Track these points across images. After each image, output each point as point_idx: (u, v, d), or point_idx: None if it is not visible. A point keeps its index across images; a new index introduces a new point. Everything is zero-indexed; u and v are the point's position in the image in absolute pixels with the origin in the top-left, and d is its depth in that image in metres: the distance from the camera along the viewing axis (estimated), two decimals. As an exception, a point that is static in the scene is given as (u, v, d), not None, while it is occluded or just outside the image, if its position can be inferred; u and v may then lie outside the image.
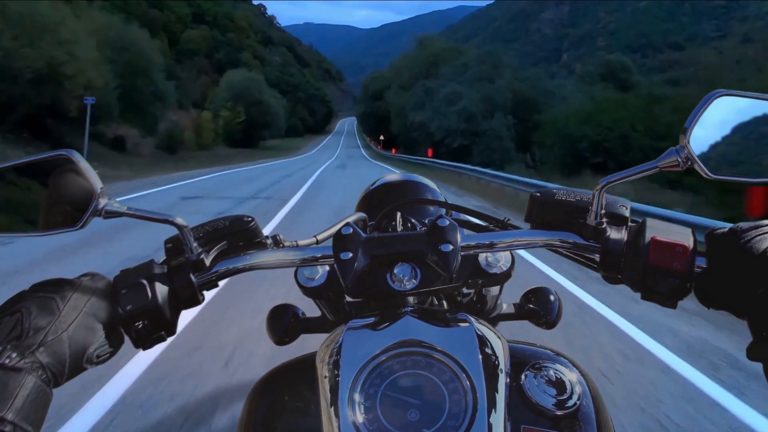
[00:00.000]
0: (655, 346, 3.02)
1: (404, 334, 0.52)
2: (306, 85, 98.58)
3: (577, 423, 0.52)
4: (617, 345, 3.03)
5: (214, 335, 2.96)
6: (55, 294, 0.50)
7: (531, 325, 0.87)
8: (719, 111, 0.54)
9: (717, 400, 2.40)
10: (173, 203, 9.03)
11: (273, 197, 10.44)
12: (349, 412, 0.46)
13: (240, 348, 2.77)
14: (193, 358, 2.65)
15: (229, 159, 27.35)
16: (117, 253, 4.86)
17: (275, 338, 0.86)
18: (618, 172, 0.56)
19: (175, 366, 2.54)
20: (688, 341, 3.16)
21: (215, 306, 3.34)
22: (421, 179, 1.18)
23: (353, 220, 0.77)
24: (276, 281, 3.78)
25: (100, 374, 2.34)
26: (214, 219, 0.64)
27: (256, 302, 3.49)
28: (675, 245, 0.53)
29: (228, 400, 2.25)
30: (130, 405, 2.18)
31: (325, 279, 0.76)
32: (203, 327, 3.03)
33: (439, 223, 0.60)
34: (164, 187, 11.73)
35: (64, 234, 0.56)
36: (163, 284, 0.55)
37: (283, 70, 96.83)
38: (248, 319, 3.16)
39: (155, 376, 2.43)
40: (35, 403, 0.43)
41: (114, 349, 0.53)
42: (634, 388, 2.46)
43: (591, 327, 3.33)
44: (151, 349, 0.56)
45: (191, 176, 15.15)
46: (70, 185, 0.54)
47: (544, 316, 0.84)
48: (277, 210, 8.34)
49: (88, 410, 2.12)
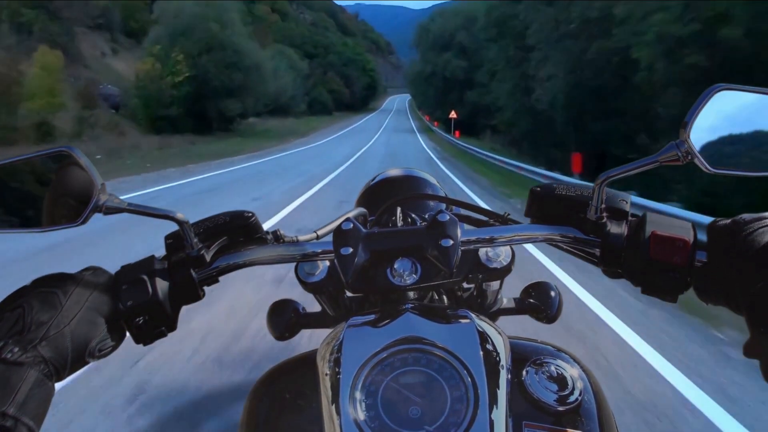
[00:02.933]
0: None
1: (405, 331, 0.52)
2: (341, 47, 79.15)
3: (579, 418, 0.52)
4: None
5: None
6: (57, 289, 0.50)
7: (531, 318, 0.87)
8: (720, 105, 0.54)
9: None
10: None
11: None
12: (351, 410, 0.47)
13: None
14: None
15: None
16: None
17: (276, 333, 0.86)
18: (618, 167, 0.56)
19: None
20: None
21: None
22: (421, 174, 1.17)
23: (353, 215, 0.77)
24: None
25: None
26: (215, 215, 0.64)
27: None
28: (675, 239, 0.53)
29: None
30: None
31: (326, 274, 0.76)
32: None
33: (439, 218, 0.60)
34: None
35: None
36: (163, 280, 0.55)
37: (312, 29, 78.72)
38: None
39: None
40: (37, 398, 0.44)
41: (116, 343, 0.53)
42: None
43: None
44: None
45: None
46: (70, 181, 0.54)
47: (545, 311, 0.84)
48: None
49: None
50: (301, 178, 10.89)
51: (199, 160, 14.72)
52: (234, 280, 3.37)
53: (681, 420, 2.12)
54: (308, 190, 8.99)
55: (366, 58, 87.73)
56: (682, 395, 2.31)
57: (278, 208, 7.07)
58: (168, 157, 14.86)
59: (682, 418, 2.13)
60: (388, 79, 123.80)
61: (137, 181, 10.00)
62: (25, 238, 4.52)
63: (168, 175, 11.22)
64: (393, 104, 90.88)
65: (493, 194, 9.64)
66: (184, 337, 2.80)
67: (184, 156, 15.47)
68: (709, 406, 2.23)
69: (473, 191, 9.77)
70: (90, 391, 2.28)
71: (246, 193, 8.66)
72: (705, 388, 2.36)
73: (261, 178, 11.03)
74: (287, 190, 9.08)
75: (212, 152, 17.18)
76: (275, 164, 14.62)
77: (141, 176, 10.68)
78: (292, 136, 29.09)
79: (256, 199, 8.00)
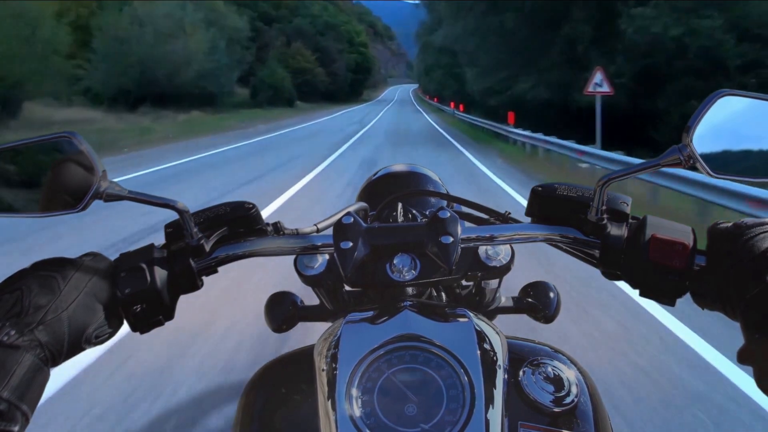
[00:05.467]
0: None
1: (403, 329, 0.52)
2: (317, 10, 54.58)
3: (575, 420, 0.52)
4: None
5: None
6: (56, 273, 0.50)
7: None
8: (723, 111, 0.54)
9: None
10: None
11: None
12: (347, 406, 0.47)
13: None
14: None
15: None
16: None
17: (273, 325, 0.86)
18: (619, 169, 0.56)
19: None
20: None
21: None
22: (423, 170, 1.17)
23: (354, 209, 0.77)
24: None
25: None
26: (216, 205, 0.64)
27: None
28: (675, 243, 0.53)
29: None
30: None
31: (325, 268, 0.76)
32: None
33: (440, 215, 0.60)
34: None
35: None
36: (162, 269, 0.55)
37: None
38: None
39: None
40: (32, 382, 0.43)
41: (113, 330, 0.53)
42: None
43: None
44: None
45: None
46: (71, 167, 0.54)
47: (543, 311, 0.84)
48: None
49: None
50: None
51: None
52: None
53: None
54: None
55: (355, 27, 61.02)
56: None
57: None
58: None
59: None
60: (387, 67, 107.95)
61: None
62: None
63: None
64: (395, 94, 70.28)
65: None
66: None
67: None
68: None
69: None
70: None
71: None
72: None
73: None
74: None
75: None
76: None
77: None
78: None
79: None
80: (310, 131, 20.01)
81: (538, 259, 3.63)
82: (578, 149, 8.56)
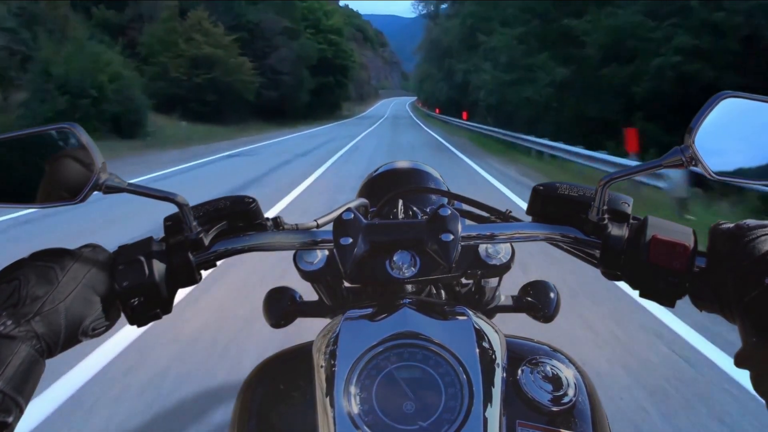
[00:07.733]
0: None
1: (402, 326, 0.52)
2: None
3: (573, 419, 0.52)
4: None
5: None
6: (54, 264, 0.49)
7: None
8: (725, 112, 0.53)
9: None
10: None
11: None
12: (345, 403, 0.46)
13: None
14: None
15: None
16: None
17: (271, 321, 0.86)
18: (621, 170, 0.56)
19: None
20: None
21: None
22: (425, 167, 1.17)
23: (354, 205, 0.77)
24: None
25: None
26: (215, 199, 0.64)
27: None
28: (675, 244, 0.53)
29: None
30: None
31: (324, 263, 0.75)
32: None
33: (440, 212, 0.59)
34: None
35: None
36: (160, 262, 0.55)
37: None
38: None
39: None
40: (27, 373, 0.43)
41: (110, 323, 0.52)
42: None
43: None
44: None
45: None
46: (71, 158, 0.54)
47: (542, 310, 0.84)
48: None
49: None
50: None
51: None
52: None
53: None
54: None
55: (324, 6, 42.24)
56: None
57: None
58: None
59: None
60: (379, 76, 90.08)
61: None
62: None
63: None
64: (386, 109, 54.80)
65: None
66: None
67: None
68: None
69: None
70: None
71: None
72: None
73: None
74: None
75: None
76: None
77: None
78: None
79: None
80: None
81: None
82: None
